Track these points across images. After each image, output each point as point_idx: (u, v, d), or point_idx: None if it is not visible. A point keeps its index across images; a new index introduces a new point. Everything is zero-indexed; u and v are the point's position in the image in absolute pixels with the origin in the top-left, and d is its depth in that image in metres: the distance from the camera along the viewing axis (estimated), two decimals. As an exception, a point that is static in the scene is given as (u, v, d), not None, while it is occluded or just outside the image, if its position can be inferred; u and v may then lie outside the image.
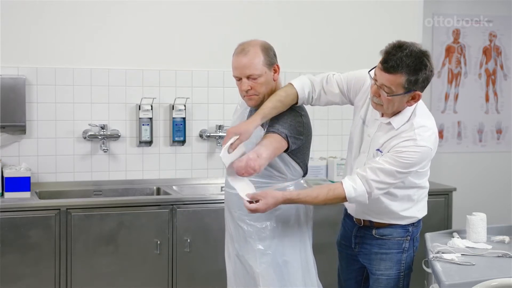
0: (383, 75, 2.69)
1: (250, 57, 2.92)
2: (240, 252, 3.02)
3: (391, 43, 2.72)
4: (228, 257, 3.14)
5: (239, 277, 3.05)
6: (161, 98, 4.56)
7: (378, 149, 2.85)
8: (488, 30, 5.73)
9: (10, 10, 4.26)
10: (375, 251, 3.00)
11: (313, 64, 4.88)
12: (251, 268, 2.98)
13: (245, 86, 2.94)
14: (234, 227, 3.04)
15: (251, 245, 2.98)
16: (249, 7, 4.76)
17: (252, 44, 2.96)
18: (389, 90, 2.70)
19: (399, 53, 2.65)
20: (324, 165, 4.80)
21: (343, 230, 3.18)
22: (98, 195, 4.39)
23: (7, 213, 3.81)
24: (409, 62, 2.64)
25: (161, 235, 4.04)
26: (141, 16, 4.54)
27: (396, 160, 2.73)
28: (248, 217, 2.97)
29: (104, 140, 4.43)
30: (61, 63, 4.39)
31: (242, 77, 2.94)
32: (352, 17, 4.98)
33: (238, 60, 2.94)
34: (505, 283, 2.44)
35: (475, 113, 5.77)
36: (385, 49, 2.71)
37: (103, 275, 3.96)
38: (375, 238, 3.00)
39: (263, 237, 2.98)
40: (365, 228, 3.03)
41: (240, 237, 3.02)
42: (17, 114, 4.22)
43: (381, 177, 2.74)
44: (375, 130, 2.88)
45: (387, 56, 2.68)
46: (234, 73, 2.98)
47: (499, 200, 5.58)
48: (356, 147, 2.97)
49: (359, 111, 2.97)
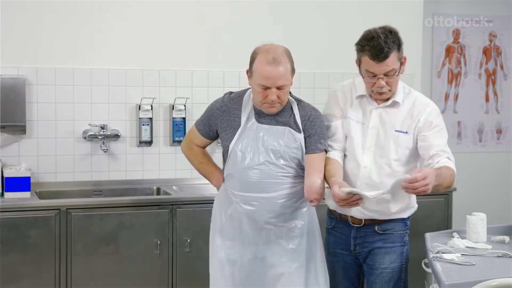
0: (382, 65, 2.90)
1: (284, 67, 2.89)
2: (264, 254, 3.01)
3: (361, 39, 2.96)
4: (230, 262, 3.07)
5: (254, 280, 3.02)
6: (161, 98, 4.56)
7: (399, 130, 3.03)
8: (488, 30, 5.74)
9: (10, 10, 4.26)
10: (378, 246, 3.06)
11: (313, 64, 4.88)
12: (276, 268, 2.99)
13: (274, 97, 2.91)
14: (257, 231, 3.00)
15: (281, 246, 3.00)
16: (249, 8, 4.75)
17: (280, 52, 2.91)
18: (394, 71, 2.94)
19: (379, 40, 2.88)
20: (324, 165, 4.80)
21: (335, 238, 3.18)
22: (98, 195, 4.39)
23: (7, 213, 3.81)
24: (391, 40, 2.90)
25: (161, 235, 4.04)
26: (141, 16, 4.54)
27: (442, 128, 3.06)
28: (277, 219, 2.99)
29: (104, 140, 4.43)
30: (61, 63, 4.39)
31: (271, 87, 2.90)
32: (351, 17, 4.98)
33: (271, 71, 2.87)
34: (505, 283, 2.44)
35: (475, 113, 5.77)
36: (365, 45, 2.92)
37: (103, 275, 3.96)
38: (378, 234, 3.06)
39: (292, 236, 3.02)
40: (365, 227, 3.06)
41: (264, 239, 3.01)
42: (17, 114, 4.22)
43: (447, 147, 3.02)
44: (377, 120, 3.04)
45: (375, 49, 2.88)
46: (263, 82, 2.89)
47: (499, 200, 5.57)
48: (359, 146, 3.05)
49: (347, 118, 3.10)
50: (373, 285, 3.10)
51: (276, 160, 2.98)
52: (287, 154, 2.99)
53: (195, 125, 3.19)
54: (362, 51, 2.94)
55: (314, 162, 3.00)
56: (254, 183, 2.97)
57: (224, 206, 3.10)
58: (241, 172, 2.99)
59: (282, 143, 2.98)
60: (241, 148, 2.99)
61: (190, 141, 3.23)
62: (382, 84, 2.94)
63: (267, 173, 2.97)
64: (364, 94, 3.07)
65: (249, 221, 3.00)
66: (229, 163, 3.04)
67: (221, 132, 3.08)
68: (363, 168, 3.02)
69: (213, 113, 3.09)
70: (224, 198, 3.11)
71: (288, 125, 3.01)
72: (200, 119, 3.18)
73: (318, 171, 2.98)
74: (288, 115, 3.03)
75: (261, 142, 2.98)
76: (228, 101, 3.07)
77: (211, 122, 3.10)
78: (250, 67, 2.97)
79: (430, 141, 2.98)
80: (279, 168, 2.99)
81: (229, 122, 3.04)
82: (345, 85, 3.16)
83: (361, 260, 3.12)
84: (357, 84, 3.12)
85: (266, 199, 2.97)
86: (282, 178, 3.00)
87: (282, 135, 2.99)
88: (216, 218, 3.14)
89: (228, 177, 3.06)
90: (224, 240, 3.08)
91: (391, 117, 3.04)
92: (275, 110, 2.98)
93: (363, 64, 2.95)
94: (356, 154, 3.04)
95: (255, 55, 2.95)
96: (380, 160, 3.02)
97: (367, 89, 3.04)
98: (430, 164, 2.91)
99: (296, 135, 3.00)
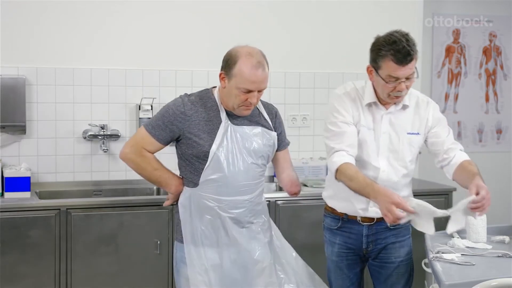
0: (406, 68, 2.89)
1: (266, 71, 2.88)
2: (248, 252, 2.99)
3: (382, 43, 2.89)
4: (214, 268, 2.97)
5: (241, 279, 3.00)
6: (161, 98, 4.55)
7: (411, 133, 3.06)
8: (488, 30, 5.74)
9: (11, 10, 4.26)
10: (392, 241, 3.12)
11: (313, 64, 4.89)
12: (259, 263, 2.98)
13: (255, 100, 2.89)
14: (239, 231, 2.98)
15: (259, 241, 3.01)
16: (249, 8, 4.76)
17: (261, 55, 2.89)
18: (414, 73, 2.95)
19: (402, 43, 2.85)
20: (324, 165, 4.80)
21: (342, 237, 3.16)
22: (98, 195, 4.39)
23: (7, 213, 3.81)
24: (411, 42, 2.89)
25: (161, 235, 4.04)
26: (141, 16, 4.54)
27: (445, 120, 3.15)
28: (254, 216, 3.01)
29: (104, 140, 4.43)
30: (61, 63, 4.39)
31: (255, 91, 2.87)
32: (351, 17, 4.98)
33: (257, 75, 2.84)
34: (505, 283, 2.44)
35: (475, 113, 5.77)
36: (389, 50, 2.86)
37: (103, 275, 3.96)
38: (389, 229, 3.10)
39: (264, 229, 3.05)
40: (376, 224, 3.09)
41: (247, 237, 2.99)
42: (17, 114, 4.22)
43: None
44: (387, 125, 3.04)
45: (401, 52, 2.85)
46: (248, 86, 2.84)
47: (499, 200, 5.56)
48: (373, 152, 3.03)
49: (359, 125, 3.05)
50: (389, 278, 3.14)
51: (257, 160, 2.99)
52: (265, 153, 3.02)
53: (147, 131, 2.95)
54: (385, 56, 2.86)
55: (286, 157, 3.16)
56: (241, 186, 2.95)
57: (198, 213, 2.97)
58: (229, 177, 2.92)
59: (261, 143, 2.99)
60: (222, 152, 2.91)
61: (141, 147, 2.97)
62: (403, 87, 2.92)
63: (252, 175, 2.98)
64: (373, 101, 3.04)
65: (233, 224, 2.96)
66: (209, 168, 2.92)
67: (190, 137, 2.92)
68: (382, 172, 3.03)
69: (176, 118, 2.92)
70: (195, 205, 2.97)
71: (261, 124, 3.02)
72: (154, 124, 2.95)
73: (291, 165, 3.19)
74: (257, 114, 3.04)
75: (241, 144, 2.94)
76: (192, 104, 2.94)
77: (173, 128, 2.93)
78: (227, 70, 2.88)
79: (442, 137, 3.07)
80: (260, 168, 3.01)
81: (200, 127, 2.92)
82: (350, 92, 3.07)
83: (371, 257, 3.15)
84: (364, 91, 3.06)
85: (249, 201, 2.97)
86: (260, 178, 3.03)
87: (258, 134, 2.99)
88: (187, 227, 2.99)
89: (207, 182, 2.93)
90: (203, 247, 2.96)
91: (401, 120, 3.05)
92: (249, 112, 2.96)
93: (385, 69, 2.88)
94: (372, 160, 3.03)
95: (235, 58, 2.85)
96: (395, 163, 3.05)
97: (382, 93, 2.98)
98: (447, 159, 3.04)
99: (270, 133, 3.03)
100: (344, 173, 2.91)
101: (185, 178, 3.02)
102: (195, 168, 2.96)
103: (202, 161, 2.93)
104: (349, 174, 2.89)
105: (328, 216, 3.22)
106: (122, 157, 3.02)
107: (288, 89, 4.85)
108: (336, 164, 2.93)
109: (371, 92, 3.04)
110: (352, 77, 4.94)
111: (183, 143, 2.96)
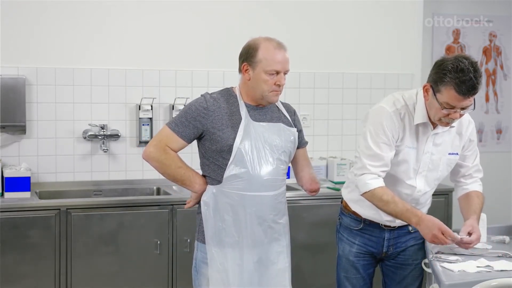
0: (466, 100, 2.77)
1: (287, 52, 2.95)
2: (267, 253, 2.99)
3: (448, 70, 2.74)
4: (235, 269, 2.96)
5: (256, 281, 2.98)
6: (161, 98, 4.55)
7: (452, 153, 3.04)
8: (488, 30, 5.73)
9: (11, 10, 4.26)
10: (411, 244, 3.14)
11: (313, 64, 4.89)
12: (275, 265, 2.99)
13: (284, 80, 2.93)
14: (264, 230, 2.96)
15: (280, 242, 3.01)
16: (249, 8, 4.75)
17: (277, 39, 2.98)
18: (472, 105, 2.85)
19: (470, 75, 2.72)
20: (324, 165, 4.80)
21: (363, 239, 3.13)
22: (98, 195, 4.39)
23: (7, 213, 3.81)
24: (479, 74, 2.75)
25: (161, 235, 4.04)
26: (141, 16, 4.54)
27: (476, 143, 3.18)
28: (278, 216, 3.00)
29: (104, 140, 4.43)
30: (61, 63, 4.39)
31: (281, 71, 2.91)
32: (352, 17, 4.98)
33: (282, 54, 2.91)
34: (505, 283, 2.44)
35: (475, 113, 5.74)
36: (454, 78, 2.73)
37: (103, 275, 3.96)
38: (410, 233, 3.13)
39: (285, 232, 3.05)
40: (398, 229, 3.11)
41: (269, 238, 2.98)
42: (17, 114, 4.22)
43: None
44: (430, 145, 2.98)
45: (467, 84, 2.72)
46: (276, 67, 2.89)
47: (499, 200, 5.57)
48: (412, 172, 3.00)
49: (403, 146, 2.99)
50: (405, 279, 3.16)
51: (280, 156, 2.97)
52: (287, 148, 3.00)
53: (170, 128, 2.93)
54: (448, 83, 2.73)
55: (306, 156, 3.16)
56: (265, 182, 2.92)
57: (221, 211, 2.94)
58: (252, 172, 2.91)
59: (283, 139, 2.98)
60: (246, 147, 2.90)
61: (165, 145, 2.93)
62: (457, 116, 2.83)
63: (276, 171, 2.96)
64: (424, 122, 2.94)
65: (257, 223, 2.94)
66: (233, 163, 2.90)
67: (214, 132, 2.90)
68: (417, 192, 3.03)
69: (199, 114, 2.92)
70: (219, 202, 2.95)
71: (281, 121, 3.02)
72: (178, 121, 2.94)
73: (310, 163, 3.19)
74: (276, 111, 3.04)
75: (263, 139, 2.93)
76: (214, 100, 2.96)
77: (197, 123, 2.91)
78: (250, 60, 2.91)
79: (468, 163, 3.11)
80: (283, 164, 2.99)
81: (223, 121, 2.91)
82: (400, 110, 2.94)
83: (388, 258, 3.15)
84: (415, 109, 2.95)
85: (273, 198, 2.95)
86: (283, 175, 3.01)
87: (280, 131, 2.99)
88: (209, 225, 2.95)
89: (231, 178, 2.91)
90: (224, 247, 2.95)
91: (444, 140, 3.00)
92: (278, 99, 2.99)
93: (445, 96, 2.76)
94: (408, 179, 3.01)
95: (256, 46, 2.92)
96: (432, 182, 3.06)
97: (434, 116, 2.88)
98: (462, 183, 3.13)
99: (291, 129, 3.03)
100: (380, 198, 2.89)
101: (208, 176, 2.98)
102: (219, 165, 2.94)
103: (226, 155, 2.91)
104: (386, 200, 2.88)
105: (348, 216, 3.17)
106: (146, 156, 2.96)
107: (288, 89, 4.84)
108: (370, 186, 2.90)
109: (423, 112, 2.92)
110: (352, 77, 4.97)
111: (207, 139, 2.94)
